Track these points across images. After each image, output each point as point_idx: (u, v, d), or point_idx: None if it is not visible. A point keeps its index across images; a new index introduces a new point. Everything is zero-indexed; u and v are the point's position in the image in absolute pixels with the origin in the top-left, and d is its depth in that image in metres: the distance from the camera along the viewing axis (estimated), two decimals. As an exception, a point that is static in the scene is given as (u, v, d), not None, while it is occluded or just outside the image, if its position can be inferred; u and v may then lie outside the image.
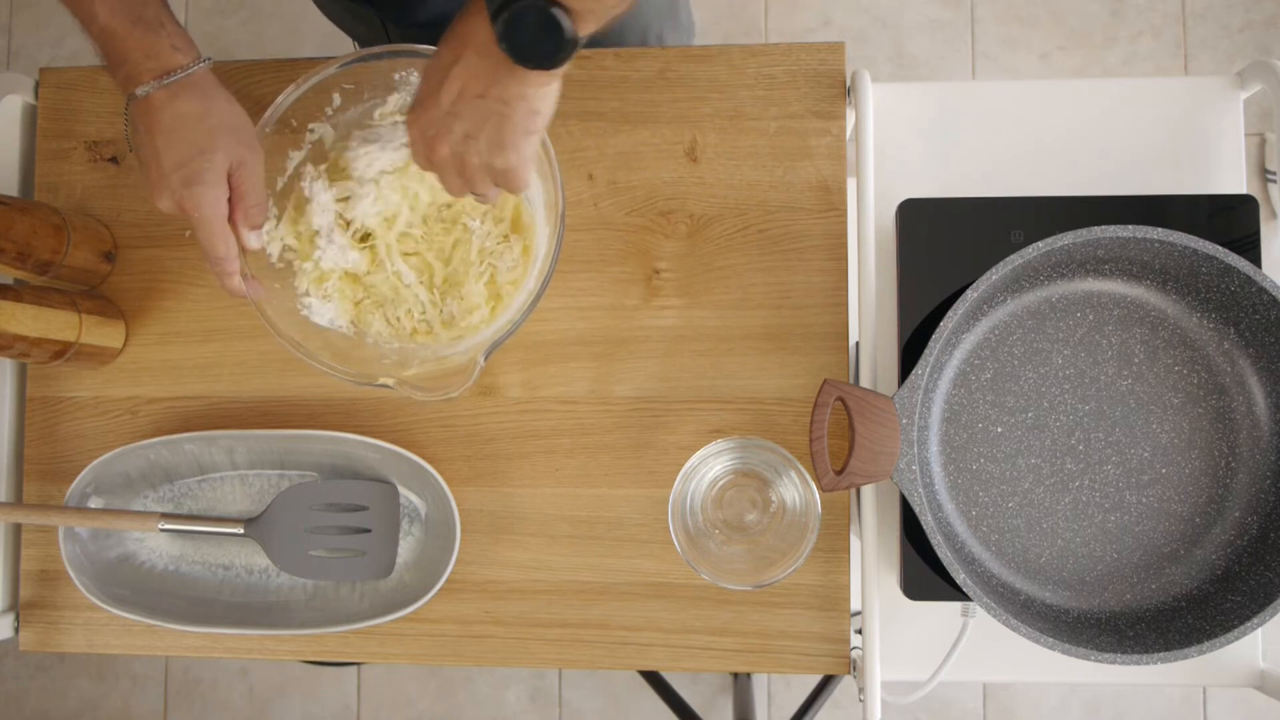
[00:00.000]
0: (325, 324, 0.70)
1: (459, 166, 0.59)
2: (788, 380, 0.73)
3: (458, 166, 0.59)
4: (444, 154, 0.58)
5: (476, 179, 0.59)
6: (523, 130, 0.57)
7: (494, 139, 0.57)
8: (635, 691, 1.53)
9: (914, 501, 0.63)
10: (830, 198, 0.74)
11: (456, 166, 0.59)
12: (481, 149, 0.57)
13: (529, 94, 0.55)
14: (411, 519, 0.74)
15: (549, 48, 0.51)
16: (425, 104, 0.57)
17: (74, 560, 0.72)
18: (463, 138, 0.57)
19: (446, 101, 0.56)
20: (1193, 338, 0.68)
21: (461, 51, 0.54)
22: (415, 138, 0.59)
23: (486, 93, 0.55)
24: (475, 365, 0.63)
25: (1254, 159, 1.48)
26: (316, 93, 0.67)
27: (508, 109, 0.55)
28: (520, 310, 0.65)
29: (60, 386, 0.77)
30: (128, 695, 1.60)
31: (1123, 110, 0.75)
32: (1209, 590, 0.66)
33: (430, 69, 0.57)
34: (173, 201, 0.61)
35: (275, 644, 0.74)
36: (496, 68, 0.53)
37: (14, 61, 1.70)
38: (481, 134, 0.56)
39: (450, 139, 0.57)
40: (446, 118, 0.56)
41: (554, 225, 0.65)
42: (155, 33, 0.59)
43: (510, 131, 0.56)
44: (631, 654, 0.72)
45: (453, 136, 0.57)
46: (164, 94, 0.59)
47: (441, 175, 0.60)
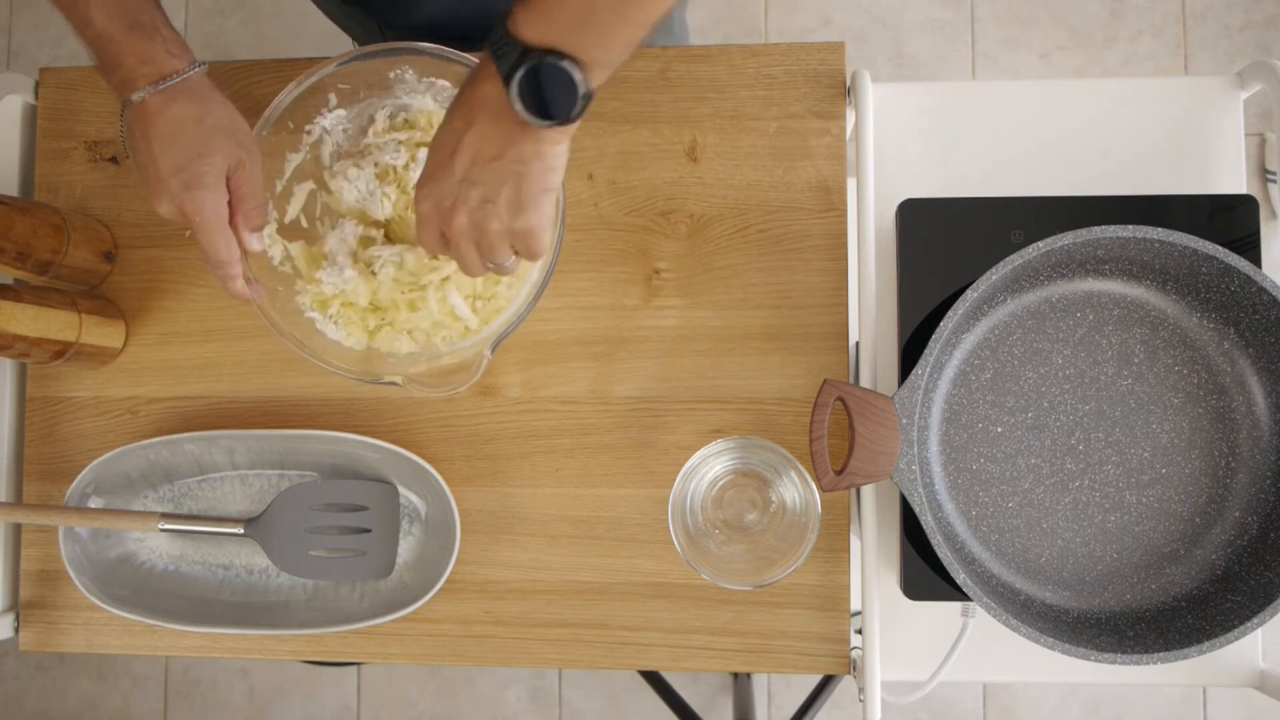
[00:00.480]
0: (323, 329, 0.70)
1: (478, 236, 0.57)
2: (788, 380, 0.73)
3: (476, 236, 0.57)
4: (462, 223, 0.57)
5: (496, 246, 0.58)
6: (541, 189, 0.56)
7: (513, 201, 0.56)
8: (635, 691, 1.53)
9: (914, 501, 0.63)
10: (830, 198, 0.74)
11: (475, 236, 0.58)
12: (502, 213, 0.56)
13: (544, 151, 0.54)
14: (411, 519, 0.74)
15: (565, 102, 0.51)
16: (436, 175, 0.56)
17: (74, 560, 0.72)
18: (480, 203, 0.56)
19: (460, 169, 0.55)
20: (1193, 338, 0.68)
21: (474, 116, 0.54)
22: (428, 212, 0.58)
23: (503, 155, 0.54)
24: (482, 359, 0.64)
25: (1254, 159, 1.48)
26: (313, 93, 0.68)
27: (525, 168, 0.55)
28: (525, 303, 0.65)
29: (60, 386, 0.77)
30: (128, 695, 1.60)
31: (1123, 110, 0.75)
32: (1209, 590, 0.66)
33: (440, 139, 0.56)
34: (173, 206, 0.61)
35: (275, 644, 0.74)
36: (511, 129, 0.53)
37: (14, 61, 1.70)
38: (500, 197, 0.55)
39: (468, 206, 0.56)
40: (462, 185, 0.55)
41: (554, 217, 0.66)
42: (151, 38, 0.58)
43: (529, 191, 0.55)
44: (631, 654, 0.72)
45: (470, 203, 0.56)
46: (160, 99, 0.59)
47: (457, 250, 0.59)
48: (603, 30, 0.50)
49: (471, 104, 0.54)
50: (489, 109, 0.53)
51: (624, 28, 0.50)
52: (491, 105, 0.52)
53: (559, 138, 0.54)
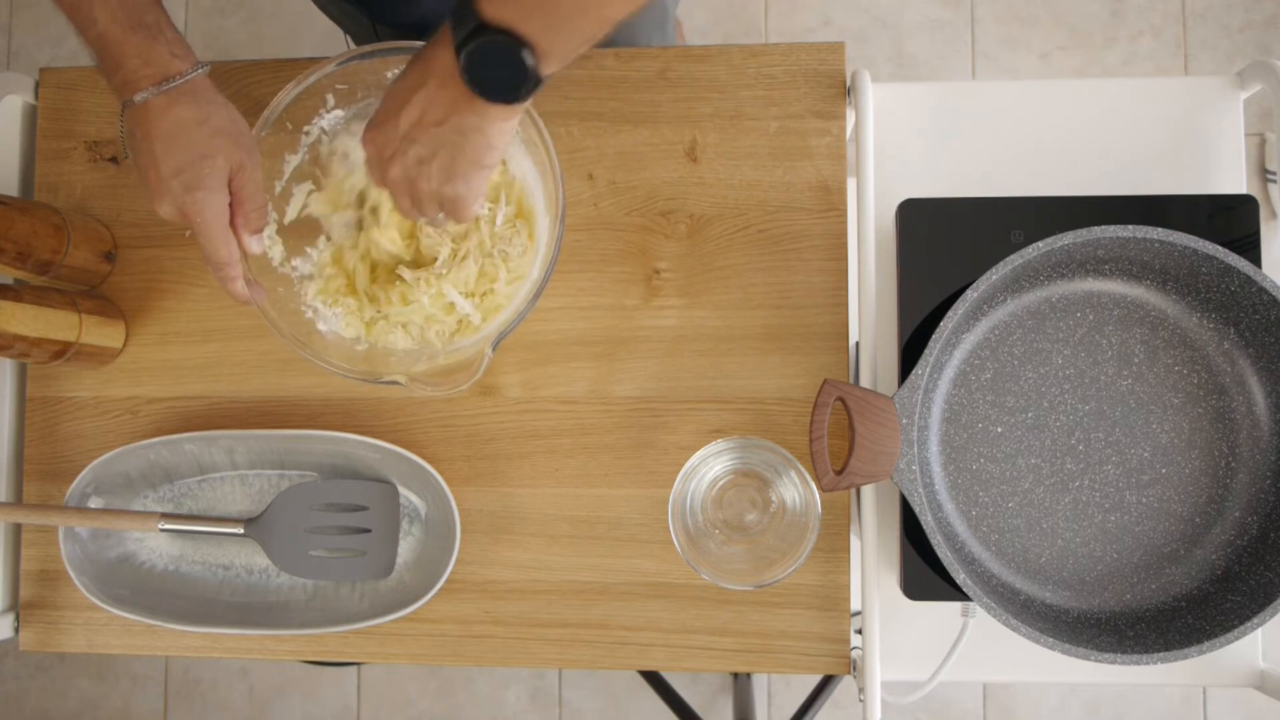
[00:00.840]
0: (325, 331, 0.70)
1: (410, 190, 0.60)
2: (788, 380, 0.73)
3: (409, 189, 0.60)
4: (396, 175, 0.59)
5: (425, 204, 0.60)
6: (475, 162, 0.57)
7: (446, 168, 0.57)
8: (635, 691, 1.53)
9: (914, 501, 0.63)
10: (830, 198, 0.74)
11: (408, 189, 0.60)
12: (433, 176, 0.58)
13: (486, 128, 0.55)
14: (411, 519, 0.74)
15: (511, 83, 0.52)
16: (383, 124, 0.58)
17: (74, 560, 0.72)
18: (416, 162, 0.58)
19: (405, 125, 0.56)
20: (1193, 338, 0.68)
21: (425, 78, 0.55)
22: (371, 155, 0.60)
23: (444, 121, 0.55)
24: (483, 357, 0.64)
25: (1254, 159, 1.48)
26: (311, 95, 0.68)
27: (463, 139, 0.56)
28: (525, 301, 0.65)
29: (60, 386, 0.77)
30: (128, 695, 1.60)
31: (1123, 110, 0.75)
32: (1209, 590, 0.66)
33: (392, 90, 0.57)
34: (174, 207, 0.61)
35: (275, 644, 0.74)
36: (457, 98, 0.54)
37: (14, 61, 1.70)
38: (434, 161, 0.57)
39: (404, 161, 0.58)
40: (403, 141, 0.57)
41: (554, 215, 0.66)
42: (154, 39, 0.58)
43: (463, 162, 0.57)
44: (631, 654, 0.72)
45: (406, 160, 0.58)
46: (162, 100, 0.59)
47: (393, 194, 0.61)
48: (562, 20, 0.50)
49: (426, 65, 0.55)
50: (440, 74, 0.54)
51: (583, 22, 0.50)
52: (443, 71, 0.53)
53: (504, 116, 0.55)
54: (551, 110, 0.75)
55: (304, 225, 0.72)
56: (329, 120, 0.70)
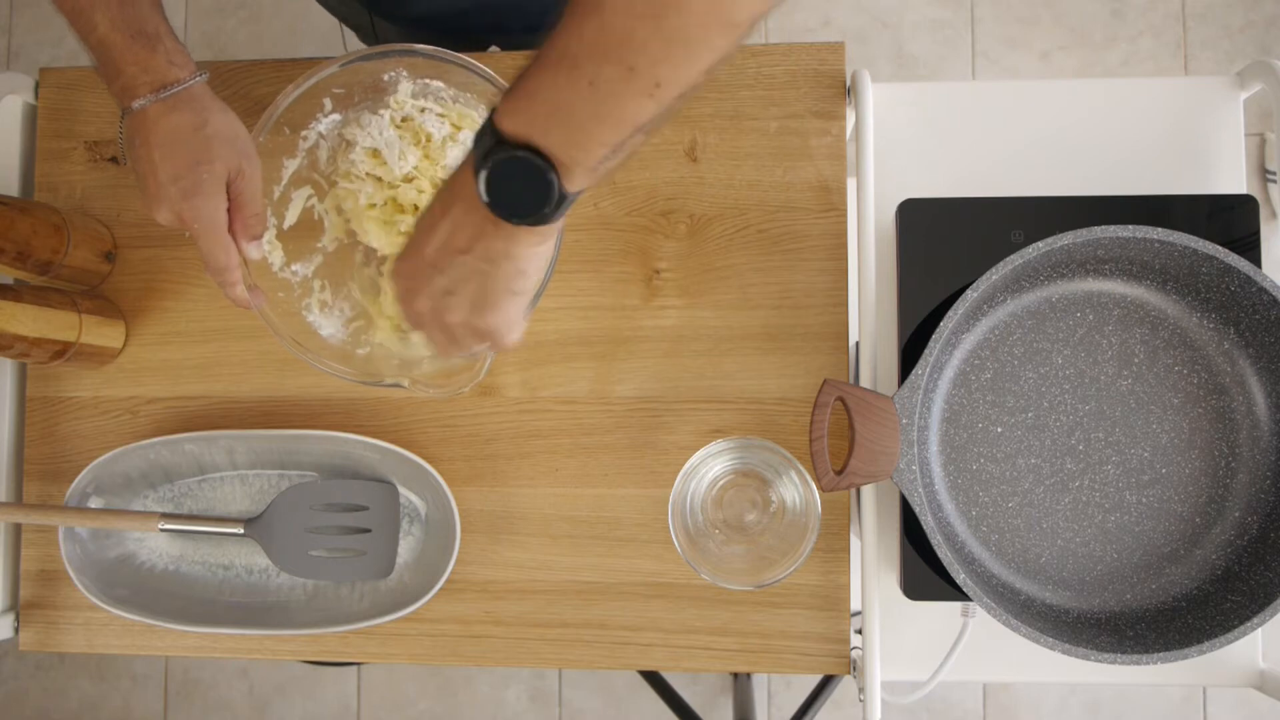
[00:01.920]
0: (326, 335, 0.70)
1: (438, 323, 0.55)
2: (788, 380, 0.73)
3: (438, 323, 0.56)
4: (423, 308, 0.55)
5: (458, 337, 0.56)
6: (506, 291, 0.53)
7: (476, 299, 0.53)
8: (635, 691, 1.53)
9: (914, 501, 0.63)
10: (830, 198, 0.74)
11: (436, 323, 0.56)
12: (462, 308, 0.54)
13: (515, 253, 0.51)
14: (411, 519, 0.74)
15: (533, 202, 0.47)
16: (410, 255, 0.54)
17: (74, 560, 0.72)
18: (442, 294, 0.53)
19: (430, 254, 0.52)
20: (1193, 338, 0.68)
21: (451, 204, 0.51)
22: (398, 289, 0.56)
23: (471, 249, 0.51)
24: (485, 359, 0.64)
25: (1254, 159, 1.48)
26: (308, 98, 0.67)
27: (491, 268, 0.52)
28: None
29: (60, 386, 0.77)
30: (128, 695, 1.60)
31: (1123, 110, 0.75)
32: (1209, 590, 0.66)
33: (420, 220, 0.54)
34: (172, 213, 0.61)
35: (275, 644, 0.74)
36: (483, 222, 0.50)
37: (14, 61, 1.70)
38: (463, 292, 0.53)
39: (430, 292, 0.54)
40: (428, 270, 0.53)
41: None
42: (153, 47, 0.58)
43: (492, 292, 0.53)
44: (631, 654, 0.72)
45: (432, 290, 0.54)
46: (160, 107, 0.59)
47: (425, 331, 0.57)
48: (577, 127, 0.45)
49: (452, 190, 0.51)
50: (465, 198, 0.50)
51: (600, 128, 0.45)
52: (467, 194, 0.49)
53: (533, 239, 0.50)
54: (551, 110, 0.75)
55: (303, 229, 0.72)
56: (326, 124, 0.70)
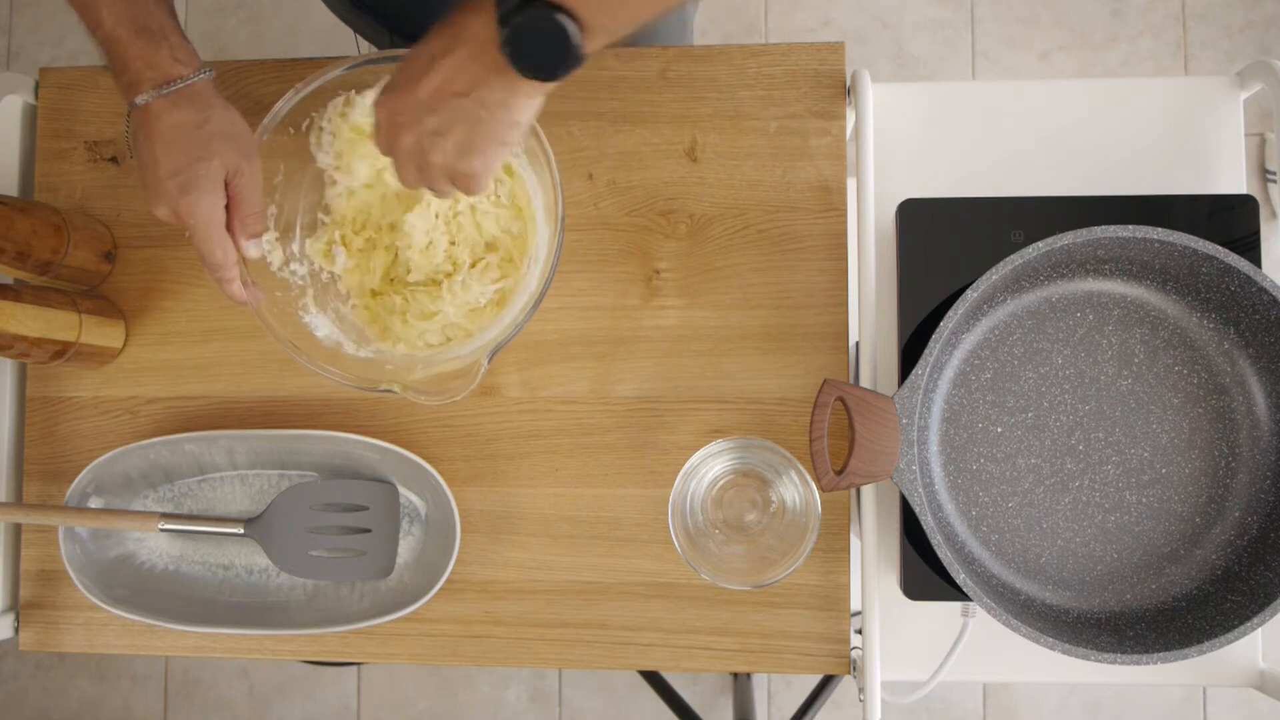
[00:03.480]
0: (322, 337, 0.70)
1: (419, 160, 0.56)
2: (788, 380, 0.73)
3: (418, 160, 0.56)
4: (408, 143, 0.56)
5: (434, 177, 0.57)
6: (495, 138, 0.55)
7: (464, 142, 0.55)
8: (635, 691, 1.53)
9: (914, 501, 0.63)
10: (830, 198, 0.74)
11: (417, 159, 0.57)
12: (448, 149, 0.55)
13: (513, 103, 0.53)
14: (411, 519, 0.74)
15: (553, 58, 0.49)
16: (401, 89, 0.55)
17: (74, 560, 0.72)
18: (431, 133, 0.55)
19: (424, 93, 0.53)
20: (1193, 338, 0.68)
21: (454, 45, 0.52)
22: (382, 120, 0.57)
23: (469, 92, 0.52)
24: (479, 368, 0.63)
25: (1254, 159, 1.48)
26: (314, 99, 0.67)
27: (486, 113, 0.53)
28: (523, 311, 0.65)
29: (60, 386, 0.77)
30: (128, 695, 1.60)
31: (1123, 110, 0.75)
32: (1209, 590, 0.66)
33: (415, 55, 0.54)
34: (169, 208, 0.61)
35: (275, 644, 0.74)
36: (487, 70, 0.51)
37: (14, 61, 1.70)
38: (452, 134, 0.54)
39: (418, 130, 0.55)
40: (419, 109, 0.54)
41: (554, 226, 0.65)
42: (158, 43, 0.59)
43: (482, 137, 0.54)
44: (631, 654, 0.72)
45: (421, 128, 0.55)
46: (163, 103, 0.59)
47: (399, 164, 0.58)
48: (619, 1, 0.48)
49: (458, 33, 0.52)
50: (473, 43, 0.51)
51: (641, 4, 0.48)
52: (477, 40, 0.51)
53: (532, 92, 0.53)
54: (551, 110, 0.75)
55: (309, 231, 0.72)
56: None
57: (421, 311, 0.70)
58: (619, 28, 0.50)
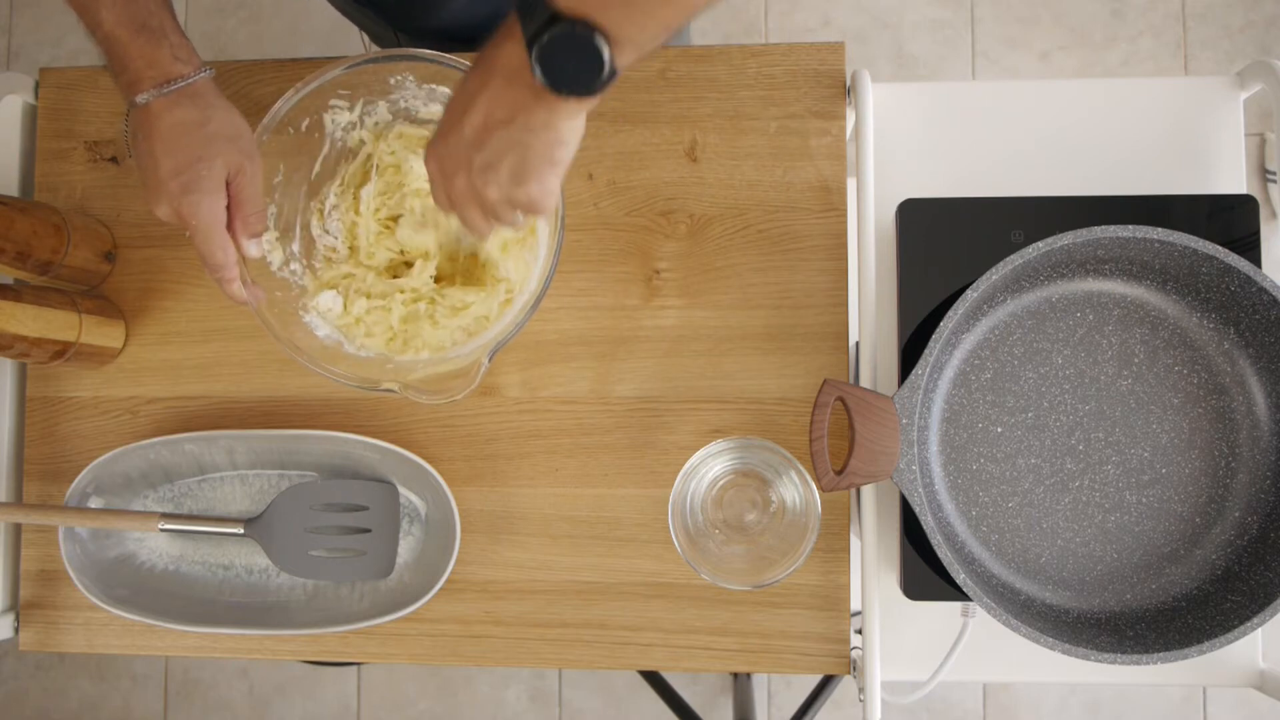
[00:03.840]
0: (323, 336, 0.70)
1: (478, 200, 0.56)
2: (788, 380, 0.73)
3: (477, 201, 0.56)
4: (462, 186, 0.55)
5: (499, 211, 0.57)
6: (547, 161, 0.54)
7: (517, 170, 0.54)
8: (635, 691, 1.53)
9: (914, 501, 0.63)
10: (830, 198, 0.74)
11: (476, 200, 0.56)
12: (503, 180, 0.55)
13: (556, 124, 0.52)
14: (411, 519, 0.74)
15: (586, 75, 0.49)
16: (447, 135, 0.55)
17: (74, 560, 0.72)
18: (483, 169, 0.54)
19: (470, 132, 0.53)
20: (1193, 338, 0.68)
21: (489, 79, 0.52)
22: (433, 173, 0.56)
23: (512, 120, 0.52)
24: (479, 367, 0.63)
25: (1254, 159, 1.48)
26: (313, 98, 0.67)
27: (532, 138, 0.53)
28: (523, 310, 0.65)
29: (60, 386, 0.77)
30: (128, 695, 1.60)
31: (1123, 110, 0.75)
32: (1209, 590, 0.66)
33: (455, 99, 0.54)
34: (170, 209, 0.61)
35: (275, 644, 0.74)
36: (525, 95, 0.51)
37: (14, 61, 1.70)
38: (503, 165, 0.54)
39: (470, 170, 0.55)
40: (467, 149, 0.54)
41: (554, 225, 0.66)
42: (158, 42, 0.59)
43: (534, 161, 0.54)
44: (631, 654, 0.72)
45: (472, 167, 0.54)
46: (163, 102, 0.59)
47: (461, 211, 0.57)
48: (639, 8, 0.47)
49: (490, 66, 0.52)
50: (506, 72, 0.51)
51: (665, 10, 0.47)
52: (509, 69, 0.51)
53: (575, 110, 0.52)
54: (551, 110, 0.75)
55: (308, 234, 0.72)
56: (330, 125, 0.70)
57: (453, 306, 0.70)
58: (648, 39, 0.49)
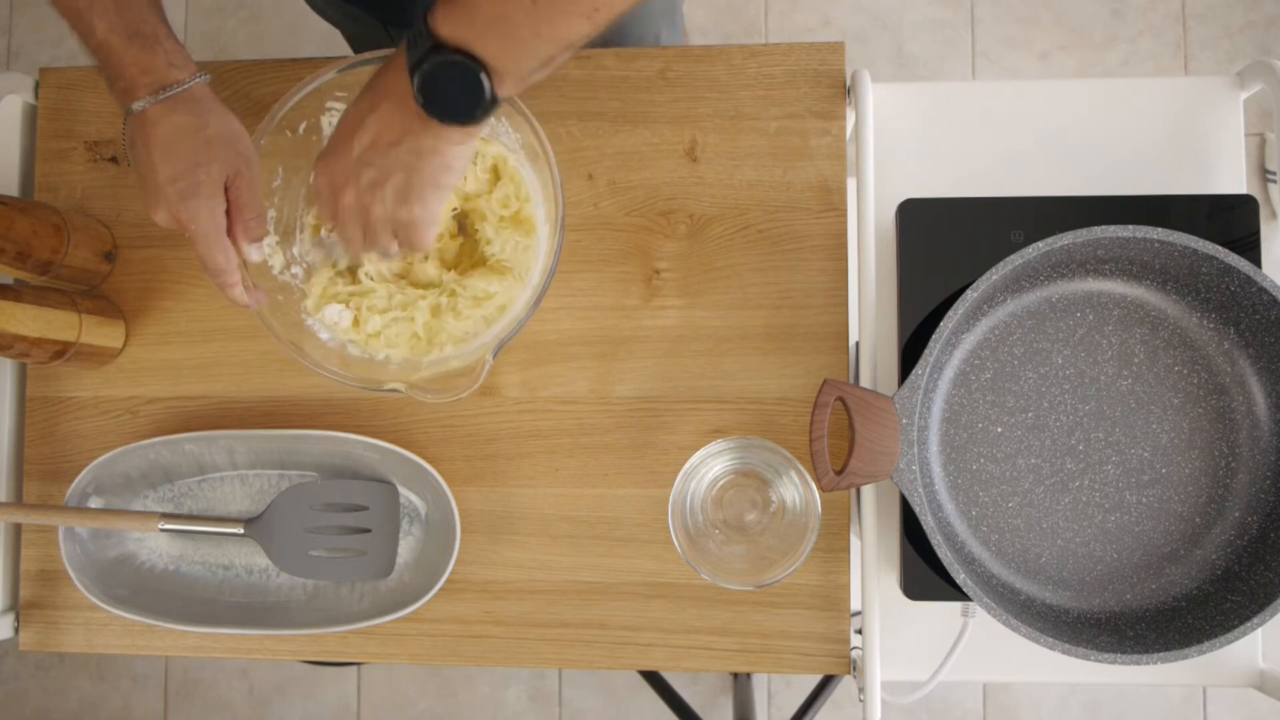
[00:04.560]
0: (326, 339, 0.70)
1: (362, 217, 0.58)
2: (788, 380, 0.73)
3: (361, 217, 0.58)
4: (348, 202, 0.57)
5: (378, 230, 0.58)
6: (432, 184, 0.56)
7: (401, 190, 0.56)
8: (635, 691, 1.53)
9: (914, 501, 0.63)
10: (830, 198, 0.74)
11: (360, 217, 0.58)
12: (387, 199, 0.56)
13: (443, 149, 0.54)
14: (411, 519, 0.74)
15: (466, 104, 0.51)
16: (336, 151, 0.57)
17: (74, 560, 0.72)
18: (369, 186, 0.56)
19: (358, 149, 0.55)
20: (1193, 338, 0.68)
21: (379, 102, 0.54)
22: (321, 185, 0.58)
23: (399, 142, 0.54)
24: (484, 365, 0.63)
25: (1254, 159, 1.48)
26: (311, 100, 0.67)
27: (419, 161, 0.55)
28: (526, 307, 0.65)
29: (60, 386, 0.77)
30: (128, 695, 1.60)
31: (1123, 110, 0.75)
32: (1209, 590, 0.66)
33: (345, 117, 0.56)
34: (169, 215, 0.61)
35: (275, 644, 0.74)
36: (413, 120, 0.53)
37: (14, 61, 1.70)
38: (389, 183, 0.56)
39: (357, 187, 0.56)
40: (356, 165, 0.56)
41: (554, 222, 0.66)
42: (152, 48, 0.59)
43: (419, 184, 0.56)
44: (631, 654, 0.72)
45: (359, 184, 0.56)
46: (160, 108, 0.59)
47: (342, 227, 0.59)
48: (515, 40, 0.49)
49: (379, 88, 0.54)
50: (394, 96, 0.53)
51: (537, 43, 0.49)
52: (397, 93, 0.52)
53: (460, 138, 0.54)
54: (551, 110, 0.75)
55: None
56: (328, 127, 0.70)
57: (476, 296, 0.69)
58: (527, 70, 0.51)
